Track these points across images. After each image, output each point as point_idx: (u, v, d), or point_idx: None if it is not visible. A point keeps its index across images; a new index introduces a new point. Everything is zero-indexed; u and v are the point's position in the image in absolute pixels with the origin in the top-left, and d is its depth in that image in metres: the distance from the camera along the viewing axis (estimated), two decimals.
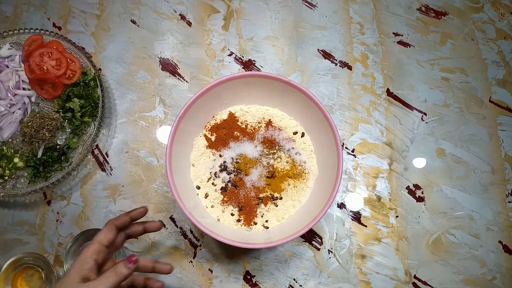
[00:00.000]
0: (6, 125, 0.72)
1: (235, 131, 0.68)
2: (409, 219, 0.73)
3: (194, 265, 0.71)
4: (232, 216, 0.66)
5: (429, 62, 0.79)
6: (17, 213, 0.73)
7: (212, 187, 0.67)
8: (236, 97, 0.68)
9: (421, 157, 0.75)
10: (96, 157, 0.75)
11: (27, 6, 0.82)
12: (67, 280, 0.50)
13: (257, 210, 0.66)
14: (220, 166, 0.68)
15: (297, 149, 0.68)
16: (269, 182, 0.67)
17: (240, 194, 0.66)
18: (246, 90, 0.67)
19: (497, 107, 0.78)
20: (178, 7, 0.82)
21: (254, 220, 0.65)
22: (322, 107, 0.62)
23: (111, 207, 0.73)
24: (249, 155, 0.68)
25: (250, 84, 0.65)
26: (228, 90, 0.65)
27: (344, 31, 0.81)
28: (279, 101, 0.69)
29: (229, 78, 0.63)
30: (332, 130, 0.61)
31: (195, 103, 0.63)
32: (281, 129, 0.69)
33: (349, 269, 0.71)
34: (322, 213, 0.59)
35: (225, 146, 0.68)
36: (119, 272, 0.51)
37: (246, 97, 0.68)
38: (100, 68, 0.79)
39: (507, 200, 0.74)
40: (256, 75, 0.64)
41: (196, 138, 0.69)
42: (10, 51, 0.75)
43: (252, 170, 0.67)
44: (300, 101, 0.65)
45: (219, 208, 0.66)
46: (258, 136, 0.69)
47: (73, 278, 0.50)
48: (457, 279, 0.71)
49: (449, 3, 0.82)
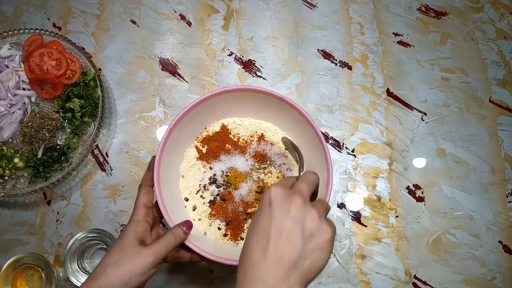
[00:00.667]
0: (6, 125, 0.72)
1: (226, 144, 0.67)
2: (409, 219, 0.73)
3: (194, 265, 0.71)
4: (219, 230, 0.64)
5: (429, 62, 0.80)
6: (17, 213, 0.73)
7: (200, 200, 0.66)
8: (229, 109, 0.66)
9: (421, 157, 0.75)
10: (96, 157, 0.75)
11: (27, 6, 0.82)
12: (124, 242, 0.51)
13: (245, 226, 0.64)
14: (209, 179, 0.66)
15: (288, 164, 0.67)
16: (258, 197, 0.65)
17: (228, 208, 0.65)
18: (239, 103, 0.65)
19: (497, 107, 0.78)
20: (178, 7, 0.82)
21: (241, 235, 0.64)
22: (313, 124, 0.60)
23: (111, 207, 0.73)
24: (239, 169, 0.66)
25: (244, 97, 0.64)
26: (222, 102, 0.64)
27: (344, 31, 0.81)
28: (272, 116, 0.67)
29: (222, 91, 0.62)
30: (324, 149, 0.59)
31: (187, 114, 0.62)
32: (273, 143, 0.67)
33: (349, 269, 0.71)
34: None
35: (216, 159, 0.67)
36: (178, 236, 0.53)
37: (239, 110, 0.67)
38: (100, 68, 0.79)
39: (507, 200, 0.74)
40: (250, 89, 0.62)
41: (187, 149, 0.67)
42: (10, 51, 0.75)
43: (242, 184, 0.66)
44: (293, 116, 0.63)
45: (207, 222, 0.65)
46: (250, 150, 0.67)
47: (130, 240, 0.51)
48: (457, 279, 0.71)
49: (449, 3, 0.82)
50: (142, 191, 0.56)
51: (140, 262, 0.50)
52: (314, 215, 0.43)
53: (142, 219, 0.53)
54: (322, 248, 0.42)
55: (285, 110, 0.63)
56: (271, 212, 0.43)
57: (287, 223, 0.42)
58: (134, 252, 0.50)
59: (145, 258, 0.50)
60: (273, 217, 0.42)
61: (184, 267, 0.71)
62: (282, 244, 0.41)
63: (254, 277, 0.40)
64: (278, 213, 0.42)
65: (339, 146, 0.76)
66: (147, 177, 0.58)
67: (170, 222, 0.57)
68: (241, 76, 0.79)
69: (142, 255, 0.50)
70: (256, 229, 0.43)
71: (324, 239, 0.42)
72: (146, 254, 0.50)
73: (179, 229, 0.54)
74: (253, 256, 0.41)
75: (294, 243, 0.41)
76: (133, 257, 0.50)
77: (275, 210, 0.43)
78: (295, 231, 0.41)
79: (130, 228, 0.52)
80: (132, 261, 0.50)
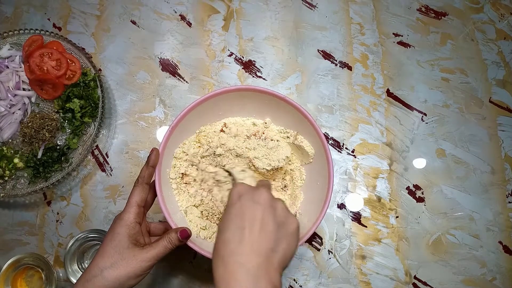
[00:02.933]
0: (6, 126, 0.72)
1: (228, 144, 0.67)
2: (409, 220, 0.73)
3: (194, 265, 0.71)
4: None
5: (429, 63, 0.80)
6: (17, 214, 0.73)
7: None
8: (230, 109, 0.66)
9: (421, 157, 0.75)
10: (96, 158, 0.75)
11: (27, 6, 0.82)
12: (121, 244, 0.51)
13: None
14: None
15: None
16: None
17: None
18: (242, 103, 0.65)
19: (497, 107, 0.78)
20: (178, 8, 0.82)
21: None
22: (315, 125, 0.60)
23: (111, 208, 0.73)
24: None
25: (246, 97, 0.64)
26: (223, 102, 0.64)
27: (344, 32, 0.81)
28: (274, 115, 0.67)
29: (224, 91, 0.62)
30: (325, 151, 0.59)
31: (189, 113, 0.61)
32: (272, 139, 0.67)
33: (349, 269, 0.71)
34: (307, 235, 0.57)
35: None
36: (174, 243, 0.54)
37: (240, 110, 0.66)
38: (100, 68, 0.79)
39: (507, 201, 0.74)
40: (252, 89, 0.62)
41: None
42: (10, 52, 0.75)
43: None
44: (294, 117, 0.63)
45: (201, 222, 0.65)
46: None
47: (125, 242, 0.52)
48: (457, 279, 0.71)
49: (449, 4, 0.82)
50: (137, 188, 0.56)
51: (138, 265, 0.50)
52: (282, 205, 0.46)
53: (134, 221, 0.53)
54: (292, 234, 0.45)
55: (285, 109, 0.63)
56: (242, 204, 0.45)
57: (258, 212, 0.44)
58: (131, 255, 0.51)
59: (142, 262, 0.51)
60: (245, 207, 0.44)
61: (184, 267, 0.71)
62: (257, 231, 0.43)
63: (234, 263, 0.41)
64: (248, 203, 0.45)
65: (339, 146, 0.76)
66: (144, 173, 0.57)
67: (172, 222, 0.57)
68: (241, 76, 0.79)
69: (140, 259, 0.51)
70: (229, 221, 0.44)
71: (294, 227, 0.45)
72: (144, 258, 0.51)
73: (176, 237, 0.54)
74: (230, 245, 0.42)
75: (269, 230, 0.43)
76: (131, 260, 0.50)
77: (245, 202, 0.45)
78: (268, 218, 0.44)
79: (122, 230, 0.52)
80: (130, 264, 0.50)
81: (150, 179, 0.57)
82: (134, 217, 0.53)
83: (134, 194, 0.55)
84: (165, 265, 0.71)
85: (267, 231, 0.43)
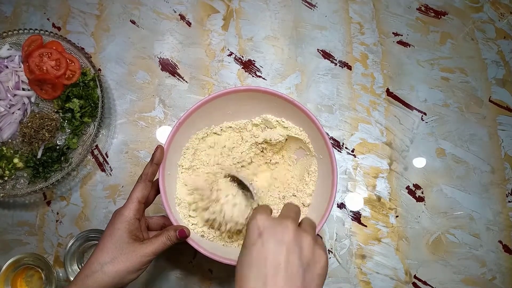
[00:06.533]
0: (5, 126, 0.72)
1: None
2: (409, 219, 0.73)
3: (194, 265, 0.71)
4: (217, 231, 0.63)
5: (429, 62, 0.79)
6: (17, 214, 0.73)
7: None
8: (238, 110, 0.65)
9: (421, 157, 0.75)
10: (96, 158, 0.75)
11: (27, 6, 0.82)
12: (121, 240, 0.52)
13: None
14: None
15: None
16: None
17: None
18: (250, 104, 0.64)
19: (497, 106, 0.78)
20: (178, 7, 0.82)
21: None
22: (320, 126, 0.59)
23: (111, 208, 0.73)
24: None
25: (250, 98, 0.62)
26: (231, 102, 0.62)
27: (343, 31, 0.81)
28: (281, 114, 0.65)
29: (230, 91, 0.61)
30: (330, 154, 0.58)
31: (196, 111, 0.60)
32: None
33: (349, 269, 0.71)
34: None
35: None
36: (172, 240, 0.54)
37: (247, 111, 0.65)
38: (100, 68, 0.79)
39: (507, 200, 0.74)
40: (256, 90, 0.61)
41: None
42: (9, 52, 0.75)
43: None
44: (299, 118, 0.62)
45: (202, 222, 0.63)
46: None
47: (125, 238, 0.52)
48: (457, 279, 0.71)
49: (449, 3, 0.82)
50: (139, 185, 0.55)
51: (138, 260, 0.51)
52: (309, 241, 0.41)
53: (133, 217, 0.53)
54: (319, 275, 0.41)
55: (292, 111, 0.62)
56: (263, 242, 0.40)
57: (282, 255, 0.39)
58: (131, 250, 0.51)
59: (142, 257, 0.51)
60: (267, 251, 0.40)
61: (184, 267, 0.71)
62: (282, 279, 0.38)
63: None
64: (271, 245, 0.40)
65: (339, 146, 0.76)
66: (148, 170, 0.56)
67: (173, 219, 0.57)
68: (240, 76, 0.79)
69: (139, 254, 0.51)
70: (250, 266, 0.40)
71: (321, 266, 0.41)
72: (143, 253, 0.51)
73: (174, 235, 0.54)
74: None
75: (294, 276, 0.39)
76: (130, 255, 0.51)
77: (267, 243, 0.40)
78: (294, 261, 0.39)
79: (122, 226, 0.52)
80: (130, 259, 0.51)
81: (153, 176, 0.57)
82: (134, 213, 0.54)
83: (136, 190, 0.55)
84: (165, 265, 0.71)
85: (293, 278, 0.39)
